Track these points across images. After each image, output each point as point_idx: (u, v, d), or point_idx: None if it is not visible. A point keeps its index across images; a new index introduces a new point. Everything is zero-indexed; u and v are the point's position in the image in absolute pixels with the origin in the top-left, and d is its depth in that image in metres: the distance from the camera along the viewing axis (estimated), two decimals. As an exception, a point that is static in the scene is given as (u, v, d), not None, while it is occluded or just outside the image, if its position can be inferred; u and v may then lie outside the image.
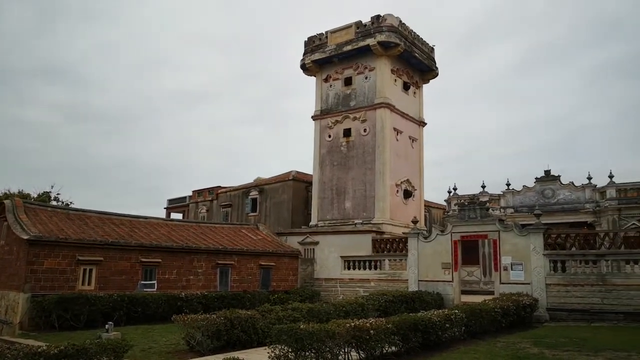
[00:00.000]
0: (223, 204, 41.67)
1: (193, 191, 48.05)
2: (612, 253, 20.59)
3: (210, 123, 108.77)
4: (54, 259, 19.45)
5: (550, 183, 39.85)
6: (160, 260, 22.61)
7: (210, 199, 44.57)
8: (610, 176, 37.21)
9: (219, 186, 44.79)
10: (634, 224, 29.02)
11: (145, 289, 21.62)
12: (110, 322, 15.06)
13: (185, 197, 50.30)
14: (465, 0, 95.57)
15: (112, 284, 20.78)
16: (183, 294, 21.58)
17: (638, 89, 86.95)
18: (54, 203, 37.88)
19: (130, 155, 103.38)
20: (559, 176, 39.87)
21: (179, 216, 49.21)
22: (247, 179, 62.84)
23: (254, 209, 38.06)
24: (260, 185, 38.57)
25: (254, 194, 38.29)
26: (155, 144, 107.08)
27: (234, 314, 14.25)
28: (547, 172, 40.32)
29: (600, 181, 38.05)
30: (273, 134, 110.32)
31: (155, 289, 22.00)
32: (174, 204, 52.43)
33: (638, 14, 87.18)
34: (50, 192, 41.71)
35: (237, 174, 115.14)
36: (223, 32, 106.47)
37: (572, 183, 39.18)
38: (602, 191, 37.51)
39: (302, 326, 11.54)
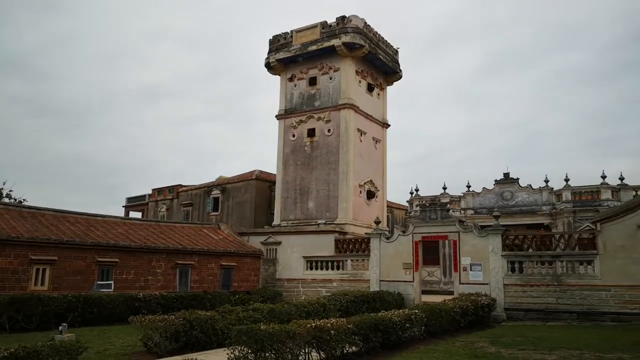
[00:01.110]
0: (184, 202, 40.95)
1: (153, 189, 47.02)
2: (567, 254, 21.20)
3: (173, 120, 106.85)
4: (5, 258, 18.69)
5: (509, 185, 40.85)
6: (117, 259, 21.99)
7: (170, 197, 43.72)
8: (566, 179, 38.43)
9: (180, 185, 43.99)
10: (587, 225, 29.98)
11: (101, 290, 20.99)
12: (64, 324, 14.49)
13: (144, 196, 49.17)
14: (429, 4, 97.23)
15: (66, 284, 20.09)
16: (141, 294, 21.04)
17: (593, 95, 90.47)
18: (6, 200, 36.33)
19: (89, 151, 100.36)
20: (518, 179, 40.90)
21: (138, 215, 48.13)
22: (210, 177, 61.89)
23: (215, 209, 37.53)
24: (222, 184, 38.07)
25: (216, 193, 37.77)
26: (115, 140, 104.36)
27: (193, 315, 14.02)
28: (506, 175, 41.30)
29: (557, 184, 39.30)
30: (237, 133, 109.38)
31: (112, 290, 21.40)
32: (133, 203, 51.21)
33: (595, 23, 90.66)
34: (2, 188, 40.00)
35: (199, 173, 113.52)
36: (187, 27, 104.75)
37: (530, 186, 40.26)
38: (558, 194, 38.70)
39: (262, 327, 11.40)
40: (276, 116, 34.56)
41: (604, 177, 37.10)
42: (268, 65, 34.83)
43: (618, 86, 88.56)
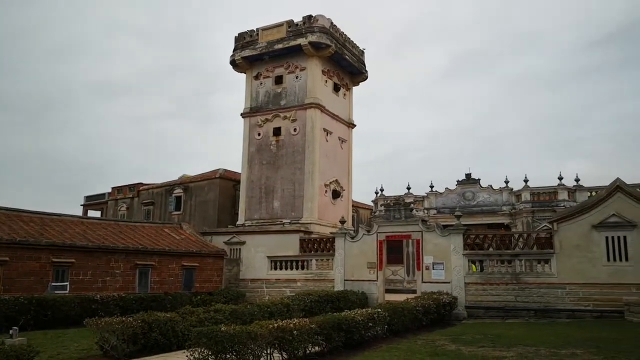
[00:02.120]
0: (145, 201, 40.07)
1: (113, 188, 45.86)
2: (526, 253, 21.72)
3: (134, 116, 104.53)
4: (-48, 259, 17.77)
5: (471, 186, 41.66)
6: (74, 260, 21.26)
7: (131, 196, 42.71)
8: (525, 180, 39.47)
9: (141, 183, 43.06)
10: (545, 225, 30.84)
11: (56, 291, 20.26)
12: (15, 327, 13.86)
13: (104, 194, 47.90)
14: (394, 7, 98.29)
15: (19, 286, 19.26)
16: (98, 296, 20.42)
17: (552, 99, 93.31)
18: (-45, 198, 34.73)
19: (45, 148, 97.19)
20: (479, 179, 41.76)
21: (97, 214, 46.88)
22: (172, 176, 60.76)
23: (178, 208, 36.87)
24: (185, 183, 37.42)
25: (178, 191, 37.09)
26: (73, 137, 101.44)
27: (152, 317, 13.70)
28: (468, 176, 42.11)
29: (517, 185, 40.29)
30: (201, 131, 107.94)
31: (67, 291, 20.69)
32: (92, 201, 49.83)
33: (553, 30, 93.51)
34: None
35: (161, 171, 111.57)
36: (148, 21, 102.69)
37: (491, 186, 41.16)
38: (517, 194, 39.69)
39: (223, 328, 11.22)
40: (241, 114, 34.21)
41: (560, 178, 38.28)
42: (233, 63, 34.44)
43: (574, 91, 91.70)
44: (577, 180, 38.21)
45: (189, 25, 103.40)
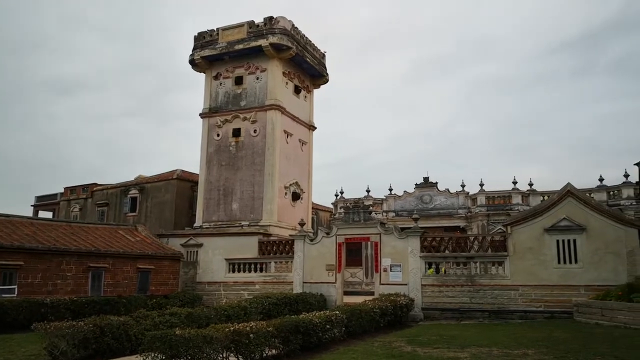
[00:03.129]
0: (99, 202, 38.85)
1: (66, 188, 44.29)
2: (480, 256, 22.21)
3: (89, 115, 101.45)
4: None
5: (429, 189, 42.38)
6: (22, 262, 20.42)
7: (84, 197, 41.34)
8: (481, 184, 40.47)
9: (95, 183, 41.76)
10: (499, 228, 31.69)
11: (3, 295, 19.42)
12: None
13: (56, 195, 46.23)
14: (357, 11, 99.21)
15: (-39, 290, 18.33)
16: (48, 299, 19.66)
17: (508, 105, 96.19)
18: None
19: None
20: (437, 183, 42.54)
21: (48, 215, 45.19)
22: (128, 177, 59.26)
23: (133, 209, 35.91)
24: (141, 184, 36.49)
25: (133, 192, 36.14)
26: (24, 135, 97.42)
27: (104, 321, 13.38)
28: (426, 179, 42.83)
29: (473, 189, 41.25)
30: (158, 130, 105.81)
31: (15, 295, 19.87)
32: (43, 202, 48.00)
33: (512, 36, 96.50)
34: None
35: (116, 172, 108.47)
36: (108, 18, 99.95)
37: (448, 190, 41.99)
38: (473, 198, 40.64)
39: (177, 332, 10.99)
40: (200, 114, 33.69)
41: (515, 182, 39.46)
42: (192, 62, 33.90)
43: (531, 97, 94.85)
44: (530, 184, 39.46)
45: (148, 23, 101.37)
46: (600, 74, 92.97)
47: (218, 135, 32.74)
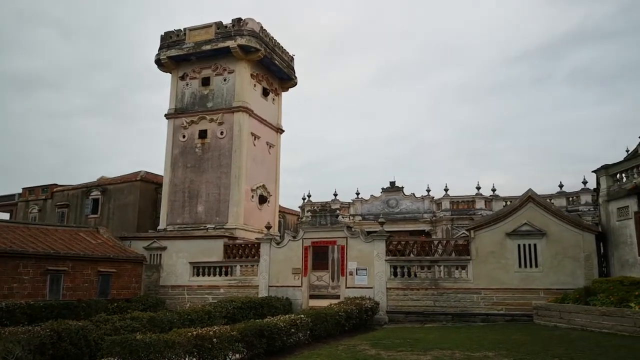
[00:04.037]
0: (59, 203, 37.70)
1: (24, 189, 42.76)
2: (444, 259, 22.53)
3: (48, 113, 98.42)
4: None
5: (395, 193, 42.75)
6: (-26, 266, 19.55)
7: (44, 197, 40.01)
8: (446, 189, 41.07)
9: (56, 184, 40.47)
10: (463, 233, 32.27)
11: (-47, 300, 18.56)
12: None
13: (13, 195, 44.60)
14: (325, 15, 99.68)
15: None
16: (4, 303, 18.90)
17: (472, 111, 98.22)
18: None
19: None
20: (403, 187, 42.94)
21: (5, 216, 43.53)
22: (90, 177, 57.87)
23: (95, 211, 34.98)
24: (103, 185, 35.60)
25: (95, 194, 35.21)
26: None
27: (62, 325, 13.07)
28: (392, 183, 43.20)
29: (438, 193, 41.84)
30: (122, 131, 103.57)
31: (-33, 300, 19.01)
32: (0, 203, 46.25)
33: (474, 45, 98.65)
34: None
35: (77, 172, 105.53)
36: (69, 13, 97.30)
37: (414, 194, 42.45)
38: (438, 202, 41.21)
39: (138, 337, 10.78)
40: (165, 115, 33.14)
41: (478, 188, 40.21)
42: (158, 62, 33.35)
43: (494, 104, 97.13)
44: (493, 190, 40.31)
45: (110, 21, 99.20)
46: (559, 83, 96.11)
47: (184, 136, 32.27)
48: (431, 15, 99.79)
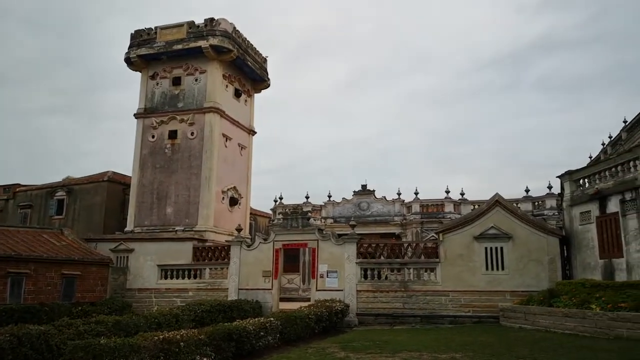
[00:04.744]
0: (21, 204, 36.59)
1: (-16, 189, 41.38)
2: (414, 262, 22.75)
3: (12, 110, 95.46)
4: None
5: (366, 196, 42.98)
6: None
7: (5, 197, 38.73)
8: (416, 193, 41.50)
9: (18, 184, 39.25)
10: (432, 236, 32.66)
11: None
12: None
13: (-27, 195, 43.03)
14: (298, 17, 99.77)
15: None
16: (-40, 308, 18.23)
17: (442, 116, 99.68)
18: None
19: None
20: (374, 190, 43.22)
21: (-36, 217, 41.89)
22: (55, 177, 56.34)
23: (60, 212, 34.07)
24: (69, 185, 34.71)
25: (60, 194, 34.29)
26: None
27: (22, 330, 12.65)
28: (364, 186, 43.43)
29: (408, 197, 42.24)
30: (89, 130, 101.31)
31: None
32: (-42, 203, 44.51)
33: (446, 51, 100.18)
34: None
35: (42, 172, 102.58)
36: (34, 8, 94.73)
37: (385, 197, 42.77)
38: (408, 206, 41.62)
39: (102, 341, 10.52)
40: (135, 115, 32.57)
41: (447, 192, 40.80)
42: (128, 61, 32.76)
43: (463, 109, 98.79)
44: (462, 194, 40.95)
45: (81, 16, 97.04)
46: (527, 90, 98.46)
47: (153, 136, 31.76)
48: (402, 21, 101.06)
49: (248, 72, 34.59)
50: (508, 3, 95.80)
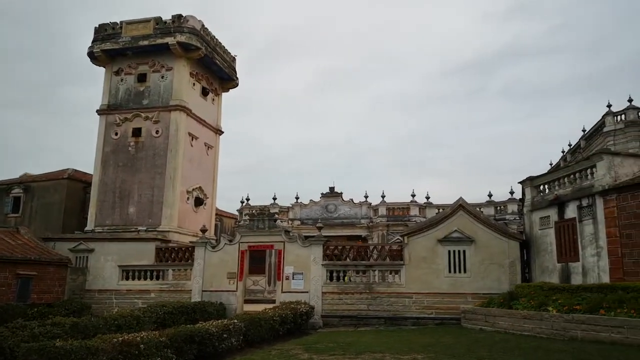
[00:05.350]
0: (-24, 201, 35.10)
1: (-64, 184, 39.52)
2: (379, 264, 22.92)
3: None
4: None
5: (334, 199, 43.17)
6: None
7: (-42, 194, 37.15)
8: (383, 196, 41.95)
9: (-28, 181, 37.69)
10: (398, 238, 33.03)
11: None
12: None
13: None
14: (270, 17, 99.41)
15: None
16: None
17: (410, 120, 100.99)
18: None
19: None
20: (341, 193, 43.46)
21: None
22: (11, 174, 54.30)
23: (16, 210, 32.83)
24: (26, 182, 33.48)
25: (17, 191, 33.06)
26: None
27: None
28: (332, 189, 43.62)
29: (375, 200, 42.62)
30: (49, 126, 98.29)
31: None
32: None
33: (413, 56, 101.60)
34: None
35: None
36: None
37: (352, 200, 43.05)
38: (375, 208, 42.02)
39: (57, 343, 10.18)
40: (97, 111, 31.73)
41: (413, 195, 41.37)
42: (92, 55, 31.91)
43: (430, 114, 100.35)
44: (427, 197, 41.59)
45: (42, 8, 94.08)
46: (492, 97, 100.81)
47: (116, 134, 31.02)
48: (373, 25, 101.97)
49: (216, 70, 34.22)
50: (476, 11, 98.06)
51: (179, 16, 30.96)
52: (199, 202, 32.05)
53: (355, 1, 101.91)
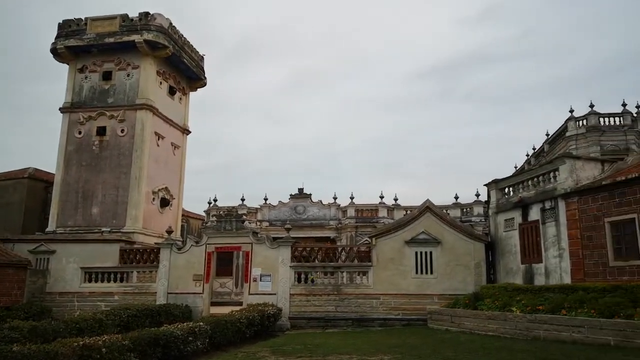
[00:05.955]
0: None
1: None
2: (347, 266, 22.98)
3: None
4: None
5: (302, 200, 43.09)
6: None
7: None
8: (351, 197, 42.11)
9: None
10: (366, 240, 33.21)
11: None
12: None
13: None
14: (239, 17, 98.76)
15: None
16: None
17: (378, 123, 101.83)
18: None
19: None
20: (311, 194, 43.41)
21: None
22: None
23: (-27, 210, 31.66)
24: (-16, 182, 32.35)
25: (-25, 191, 31.88)
26: None
27: None
28: (301, 190, 43.53)
29: (344, 201, 42.74)
30: (11, 124, 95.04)
31: None
32: None
33: (384, 59, 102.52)
34: None
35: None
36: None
37: (321, 201, 43.06)
38: (344, 210, 42.14)
39: (15, 348, 9.83)
40: (60, 109, 30.85)
41: (382, 197, 41.69)
42: (55, 52, 31.02)
43: (401, 116, 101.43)
44: (395, 199, 41.96)
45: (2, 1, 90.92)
46: (460, 100, 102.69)
47: (80, 132, 30.21)
48: (347, 27, 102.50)
49: (184, 69, 33.76)
50: (450, 15, 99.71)
51: (146, 14, 30.42)
52: (165, 202, 31.52)
53: (327, 3, 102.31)
